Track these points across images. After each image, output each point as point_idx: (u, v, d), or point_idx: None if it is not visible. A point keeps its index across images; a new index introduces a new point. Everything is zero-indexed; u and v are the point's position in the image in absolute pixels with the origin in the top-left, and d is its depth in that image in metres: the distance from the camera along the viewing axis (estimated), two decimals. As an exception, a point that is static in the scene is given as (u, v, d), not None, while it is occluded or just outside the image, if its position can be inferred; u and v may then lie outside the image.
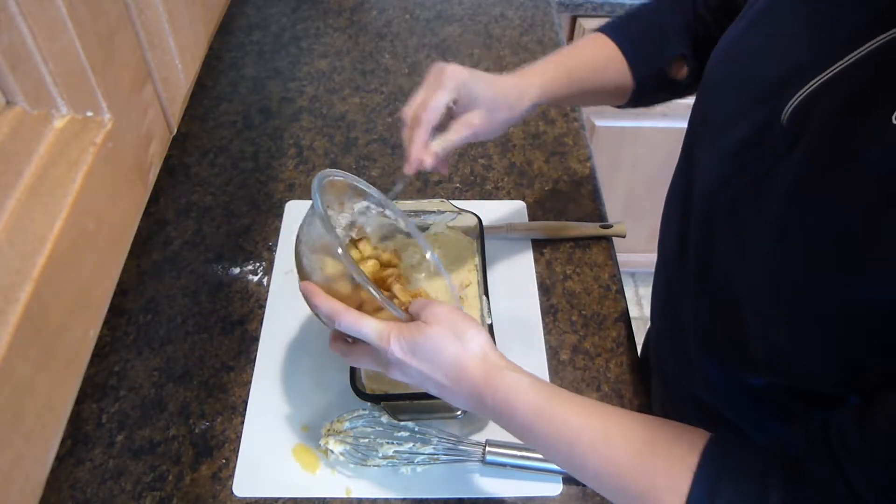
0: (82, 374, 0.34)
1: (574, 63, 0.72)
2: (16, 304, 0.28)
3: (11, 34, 0.30)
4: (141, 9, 0.40)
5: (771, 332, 0.51)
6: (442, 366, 0.54)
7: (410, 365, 0.54)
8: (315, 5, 1.34)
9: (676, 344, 0.67)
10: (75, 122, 0.35)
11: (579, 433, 0.51)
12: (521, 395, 0.53)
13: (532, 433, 0.53)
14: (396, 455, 0.70)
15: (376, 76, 1.19)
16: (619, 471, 0.49)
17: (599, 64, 0.73)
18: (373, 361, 0.59)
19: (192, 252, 0.92)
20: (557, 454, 0.53)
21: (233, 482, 0.71)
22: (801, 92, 0.46)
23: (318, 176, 0.61)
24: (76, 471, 0.72)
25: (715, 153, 0.56)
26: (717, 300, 0.58)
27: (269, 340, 0.83)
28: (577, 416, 0.52)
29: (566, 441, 0.51)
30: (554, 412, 0.52)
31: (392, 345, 0.54)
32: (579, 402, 0.53)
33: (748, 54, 0.54)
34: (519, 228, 0.93)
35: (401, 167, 0.85)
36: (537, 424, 0.52)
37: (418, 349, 0.54)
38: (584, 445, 0.51)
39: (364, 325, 0.55)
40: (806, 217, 0.45)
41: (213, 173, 1.02)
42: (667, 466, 0.48)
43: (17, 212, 0.30)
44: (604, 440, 0.50)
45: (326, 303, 0.56)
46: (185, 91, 0.47)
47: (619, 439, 0.50)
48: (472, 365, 0.54)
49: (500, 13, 1.33)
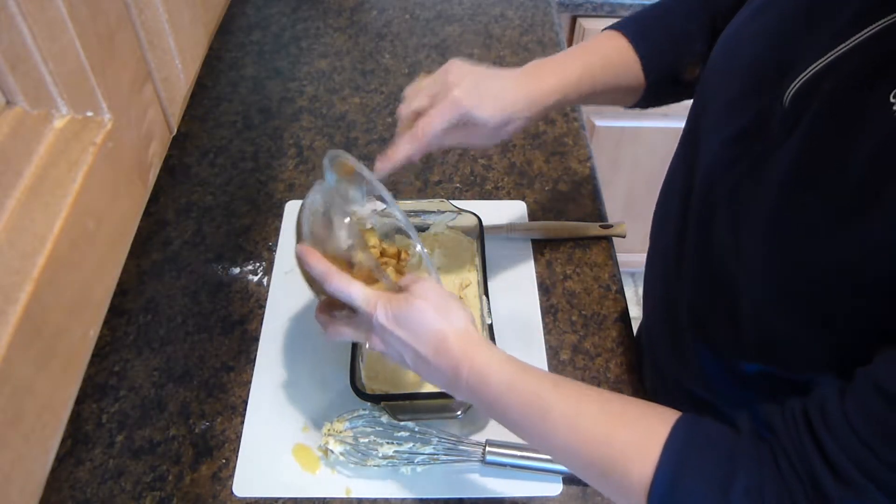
0: (82, 374, 0.34)
1: (594, 61, 0.69)
2: (16, 304, 0.28)
3: (11, 34, 0.30)
4: (141, 9, 0.40)
5: (763, 314, 0.51)
6: (424, 337, 0.55)
7: (392, 333, 0.55)
8: (315, 5, 1.34)
9: (671, 334, 0.68)
10: (75, 122, 0.35)
11: (551, 405, 0.51)
12: (494, 367, 0.54)
13: (504, 406, 0.53)
14: (396, 455, 0.70)
15: (376, 76, 1.19)
16: (588, 442, 0.49)
17: (616, 65, 0.71)
18: (353, 330, 0.60)
19: (192, 252, 0.92)
20: (529, 427, 0.53)
21: (233, 482, 0.71)
22: (802, 76, 0.47)
23: (331, 152, 0.63)
24: (76, 471, 0.72)
25: (717, 139, 0.57)
26: (713, 285, 0.58)
27: (269, 340, 0.83)
28: (549, 389, 0.52)
29: (538, 413, 0.51)
30: (526, 385, 0.53)
31: (378, 311, 0.55)
32: (552, 377, 0.54)
33: (751, 42, 0.55)
34: (519, 228, 0.93)
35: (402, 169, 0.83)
36: (510, 396, 0.53)
37: (403, 319, 0.55)
38: (556, 418, 0.51)
39: (353, 288, 0.56)
40: (802, 196, 0.46)
41: (213, 173, 1.02)
42: (637, 438, 0.48)
43: (17, 212, 0.30)
44: (575, 412, 0.50)
45: (320, 264, 0.57)
46: (185, 91, 0.47)
47: (590, 412, 0.50)
48: (452, 339, 0.55)
49: (500, 13, 1.33)
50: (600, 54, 0.71)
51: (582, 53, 0.71)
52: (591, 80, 0.68)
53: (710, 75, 0.61)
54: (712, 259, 0.57)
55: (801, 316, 0.48)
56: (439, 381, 0.57)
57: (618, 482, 0.48)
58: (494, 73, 0.67)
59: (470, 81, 0.63)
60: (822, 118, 0.45)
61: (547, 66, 0.68)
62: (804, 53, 0.47)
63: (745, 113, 0.53)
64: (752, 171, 0.52)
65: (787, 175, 0.47)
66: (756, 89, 0.52)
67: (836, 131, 0.44)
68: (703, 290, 0.61)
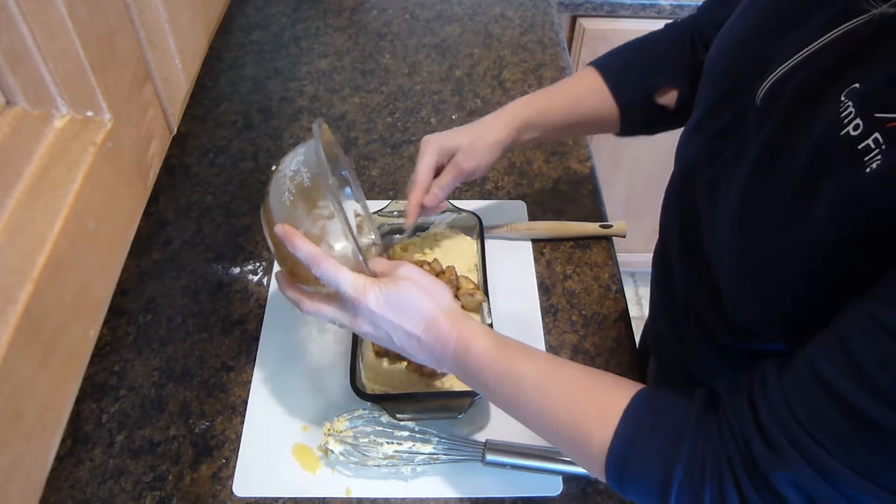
0: (82, 374, 0.34)
1: (554, 92, 0.80)
2: (16, 304, 0.28)
3: (11, 34, 0.30)
4: (141, 9, 0.40)
5: (738, 296, 0.54)
6: (415, 317, 0.58)
7: (382, 316, 0.57)
8: (315, 5, 1.34)
9: (673, 324, 0.69)
10: (75, 122, 0.35)
11: (526, 374, 0.55)
12: (476, 338, 0.57)
13: (483, 375, 0.57)
14: (396, 455, 0.70)
15: (376, 76, 1.19)
16: (556, 407, 0.53)
17: (579, 92, 0.79)
18: (334, 312, 0.60)
19: (192, 252, 0.92)
20: (505, 396, 0.57)
21: (233, 482, 0.71)
22: (773, 76, 0.50)
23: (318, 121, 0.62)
24: (76, 471, 0.72)
25: (702, 136, 0.60)
26: (701, 273, 0.60)
27: (269, 340, 0.83)
28: (525, 360, 0.56)
29: (514, 382, 0.55)
30: (505, 355, 0.57)
31: (368, 296, 0.57)
32: (528, 350, 0.58)
33: (735, 44, 0.58)
34: (519, 228, 0.93)
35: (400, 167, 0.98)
36: (490, 367, 0.56)
37: (394, 302, 0.57)
38: (530, 387, 0.55)
39: (341, 275, 0.57)
40: (761, 184, 0.49)
41: (213, 173, 1.02)
42: (600, 406, 0.52)
43: (17, 212, 0.30)
44: (547, 380, 0.55)
45: (306, 246, 0.57)
46: (185, 91, 0.47)
47: (561, 381, 0.55)
48: (440, 316, 0.58)
49: (500, 13, 1.33)
50: (564, 86, 0.80)
51: (551, 88, 0.80)
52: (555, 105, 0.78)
53: (704, 75, 0.64)
54: (699, 250, 0.60)
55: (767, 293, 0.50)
56: (427, 356, 0.60)
57: (580, 448, 0.52)
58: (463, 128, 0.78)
59: (439, 134, 0.77)
60: (783, 115, 0.49)
61: (512, 102, 0.79)
62: (776, 56, 0.51)
63: (727, 111, 0.57)
64: (727, 166, 0.55)
65: (750, 169, 0.50)
66: (736, 89, 0.55)
67: (792, 125, 0.47)
68: (692, 277, 0.63)
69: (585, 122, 0.79)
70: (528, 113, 0.77)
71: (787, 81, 0.49)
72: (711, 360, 0.63)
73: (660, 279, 0.73)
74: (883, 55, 0.43)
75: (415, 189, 0.76)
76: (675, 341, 0.70)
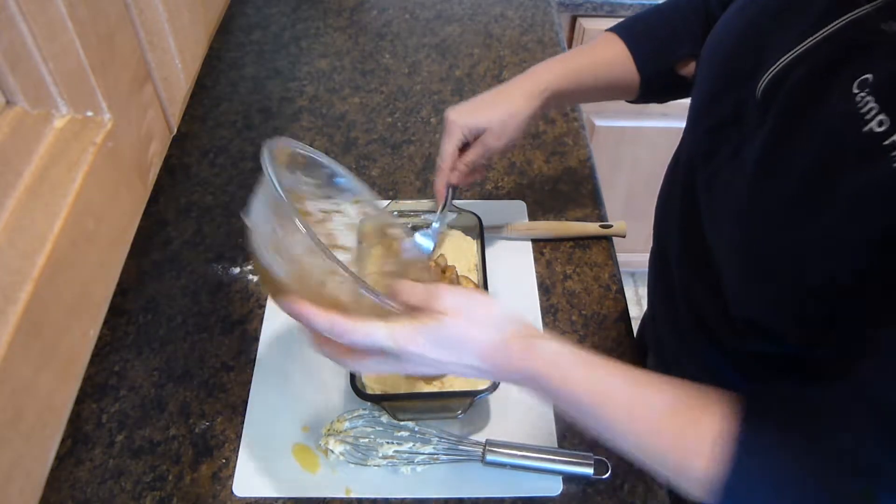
0: (82, 374, 0.34)
1: (582, 60, 0.78)
2: (16, 304, 0.28)
3: (11, 34, 0.30)
4: (141, 9, 0.40)
5: (743, 294, 0.53)
6: (469, 352, 0.52)
7: (432, 358, 0.52)
8: (315, 5, 1.34)
9: (673, 325, 0.69)
10: (75, 122, 0.35)
11: (612, 395, 0.51)
12: (549, 367, 0.52)
13: (559, 397, 0.52)
14: (396, 455, 0.70)
15: (376, 76, 1.19)
16: (644, 434, 0.50)
17: (607, 60, 0.78)
18: (378, 365, 0.54)
19: (192, 252, 0.92)
20: (586, 418, 0.52)
21: (233, 482, 0.71)
22: (773, 68, 0.50)
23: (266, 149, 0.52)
24: (76, 471, 0.72)
25: (700, 129, 0.60)
26: (703, 272, 0.60)
27: (269, 340, 0.83)
28: (603, 378, 0.52)
29: (595, 403, 0.51)
30: (584, 376, 0.52)
31: (409, 345, 0.51)
32: (605, 365, 0.53)
33: (734, 36, 0.58)
34: (519, 228, 0.93)
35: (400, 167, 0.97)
36: (565, 389, 0.52)
37: (442, 340, 0.52)
38: (612, 409, 0.51)
39: (373, 334, 0.51)
40: (765, 180, 0.48)
41: (213, 173, 1.02)
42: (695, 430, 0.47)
43: (17, 212, 0.30)
44: (631, 402, 0.51)
45: (324, 317, 0.51)
46: (185, 91, 0.47)
47: (646, 401, 0.51)
48: (492, 346, 0.52)
49: (500, 13, 1.33)
50: (591, 52, 0.79)
51: (575, 54, 0.79)
52: (585, 73, 0.77)
53: (700, 66, 0.63)
54: (700, 247, 0.59)
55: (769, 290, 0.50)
56: (492, 379, 0.59)
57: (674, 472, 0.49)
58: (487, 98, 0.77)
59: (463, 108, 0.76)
60: (787, 107, 0.48)
61: (539, 66, 0.78)
62: (776, 48, 0.50)
63: (724, 104, 0.56)
64: (728, 160, 0.54)
65: (754, 165, 0.50)
66: (734, 81, 0.55)
67: (797, 118, 0.47)
68: (694, 275, 0.62)
69: (607, 89, 0.79)
70: (560, 83, 0.76)
71: (787, 74, 0.48)
72: (712, 361, 0.63)
73: (658, 284, 0.72)
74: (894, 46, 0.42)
75: (440, 175, 0.77)
76: (675, 343, 0.70)
